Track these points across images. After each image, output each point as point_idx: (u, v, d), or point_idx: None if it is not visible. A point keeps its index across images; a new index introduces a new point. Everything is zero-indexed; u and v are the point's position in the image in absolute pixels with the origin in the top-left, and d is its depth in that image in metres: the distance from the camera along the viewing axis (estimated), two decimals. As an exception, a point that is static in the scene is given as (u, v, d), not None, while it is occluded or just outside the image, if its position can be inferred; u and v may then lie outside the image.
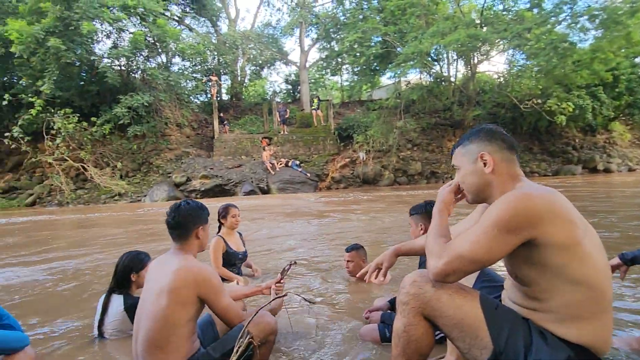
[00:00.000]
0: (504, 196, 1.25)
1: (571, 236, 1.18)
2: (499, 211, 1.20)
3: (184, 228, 1.86)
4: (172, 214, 1.88)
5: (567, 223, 1.19)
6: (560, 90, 18.20)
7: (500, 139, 1.37)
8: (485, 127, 1.42)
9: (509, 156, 1.36)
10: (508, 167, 1.35)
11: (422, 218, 2.41)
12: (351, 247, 3.46)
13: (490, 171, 1.34)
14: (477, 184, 1.39)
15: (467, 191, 1.44)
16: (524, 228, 1.18)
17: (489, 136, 1.38)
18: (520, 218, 1.17)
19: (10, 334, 1.74)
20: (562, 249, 1.18)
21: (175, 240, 1.87)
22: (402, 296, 1.36)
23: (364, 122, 19.61)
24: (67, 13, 14.75)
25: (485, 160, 1.35)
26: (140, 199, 15.64)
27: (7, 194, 16.12)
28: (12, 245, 6.54)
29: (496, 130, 1.40)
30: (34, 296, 3.58)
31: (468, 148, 1.41)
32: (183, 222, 1.86)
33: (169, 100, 18.34)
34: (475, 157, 1.38)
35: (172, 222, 1.87)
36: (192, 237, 1.87)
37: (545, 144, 22.46)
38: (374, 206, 10.43)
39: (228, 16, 26.16)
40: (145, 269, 2.53)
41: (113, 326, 2.43)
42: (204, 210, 1.96)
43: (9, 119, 16.39)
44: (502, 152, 1.36)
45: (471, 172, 1.40)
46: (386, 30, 18.93)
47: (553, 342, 1.21)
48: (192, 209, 1.89)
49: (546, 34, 16.39)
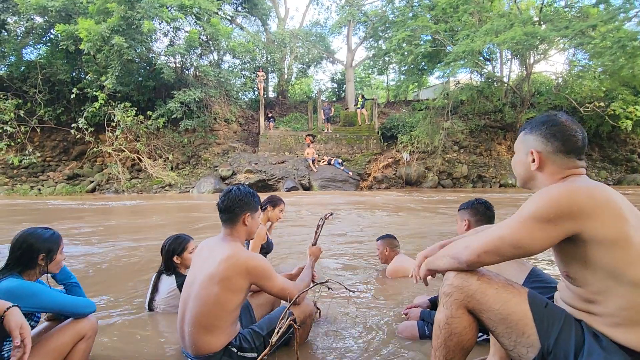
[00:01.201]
0: (548, 187, 1.23)
1: (620, 232, 1.12)
2: (538, 200, 1.19)
3: (232, 212, 1.90)
4: (222, 197, 1.93)
5: (616, 218, 1.13)
6: (627, 93, 16.83)
7: (560, 140, 1.29)
8: (552, 121, 1.32)
9: (563, 159, 1.29)
10: (557, 169, 1.30)
11: (468, 213, 2.32)
12: (379, 237, 3.65)
13: (536, 168, 1.33)
14: (523, 175, 1.40)
15: (516, 175, 1.45)
16: (564, 220, 1.14)
17: (550, 134, 1.31)
18: (559, 209, 1.14)
19: (81, 300, 1.89)
20: (612, 246, 1.12)
21: (224, 224, 1.93)
22: (445, 288, 1.35)
23: (409, 122, 19.21)
24: (130, 13, 15.72)
25: (534, 157, 1.33)
26: (189, 190, 16.38)
27: (71, 180, 17.51)
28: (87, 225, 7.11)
29: (561, 128, 1.30)
30: (94, 270, 3.88)
31: (526, 138, 1.39)
32: (231, 207, 1.89)
33: (218, 96, 19.02)
34: (528, 150, 1.36)
35: (221, 206, 1.92)
36: (239, 223, 1.91)
37: (607, 151, 20.88)
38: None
39: (278, 15, 26.68)
40: (186, 251, 2.65)
41: (166, 302, 2.60)
42: (255, 197, 1.98)
43: (75, 112, 17.79)
44: (556, 154, 1.30)
45: (521, 163, 1.40)
46: (436, 29, 18.41)
47: (608, 346, 1.14)
48: (242, 195, 1.92)
49: (613, 32, 15.14)
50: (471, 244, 1.29)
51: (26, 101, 17.28)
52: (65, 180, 17.41)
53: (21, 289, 1.63)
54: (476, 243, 1.28)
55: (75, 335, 1.78)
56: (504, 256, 1.24)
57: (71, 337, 1.76)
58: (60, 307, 1.76)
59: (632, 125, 17.39)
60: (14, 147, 17.03)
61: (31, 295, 1.64)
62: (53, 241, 1.81)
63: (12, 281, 1.65)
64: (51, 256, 1.80)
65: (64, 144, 18.74)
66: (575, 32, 15.62)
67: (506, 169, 18.75)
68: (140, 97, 18.25)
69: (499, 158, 19.68)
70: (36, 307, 1.68)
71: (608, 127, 18.48)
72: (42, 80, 17.48)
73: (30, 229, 1.79)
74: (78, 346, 1.78)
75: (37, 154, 17.28)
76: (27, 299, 1.62)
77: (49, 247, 1.79)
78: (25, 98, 17.34)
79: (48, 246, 1.78)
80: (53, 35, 17.80)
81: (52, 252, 1.80)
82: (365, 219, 7.71)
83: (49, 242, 1.79)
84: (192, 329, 1.76)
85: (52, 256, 1.81)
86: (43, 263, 1.77)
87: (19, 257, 1.73)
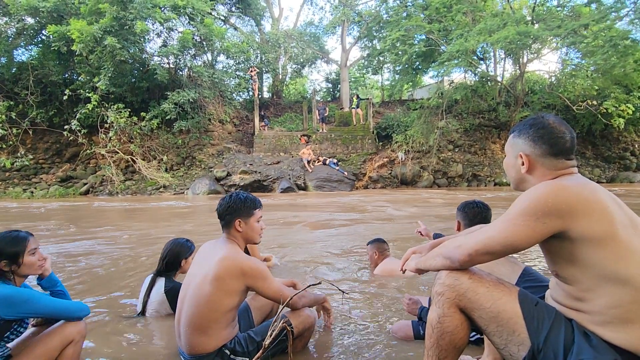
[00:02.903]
0: (537, 185, 1.25)
1: (607, 229, 1.12)
2: (527, 199, 1.20)
3: (224, 220, 1.95)
4: (218, 204, 1.99)
5: (603, 215, 1.13)
6: (619, 91, 16.99)
7: (547, 143, 1.29)
8: (539, 123, 1.32)
9: (552, 161, 1.30)
10: (547, 171, 1.31)
11: (459, 215, 2.33)
12: (370, 241, 3.64)
13: (526, 171, 1.35)
14: (514, 177, 1.42)
15: (508, 178, 1.47)
16: (551, 217, 1.15)
17: (537, 137, 1.31)
18: (546, 206, 1.15)
19: (75, 303, 1.86)
20: (599, 244, 1.12)
21: (223, 229, 1.98)
22: (437, 287, 1.35)
23: (404, 122, 19.26)
24: (123, 13, 15.59)
25: (523, 160, 1.35)
26: (183, 191, 16.31)
27: (64, 183, 17.35)
28: (81, 225, 7.05)
29: (548, 130, 1.30)
30: (83, 270, 3.83)
31: (515, 141, 1.40)
32: (223, 214, 1.95)
33: (212, 97, 18.94)
34: (517, 153, 1.38)
35: (217, 213, 1.98)
36: (233, 229, 1.94)
37: (600, 149, 21.07)
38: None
39: (272, 15, 26.63)
40: (192, 256, 2.65)
41: (152, 307, 2.57)
42: (246, 203, 1.97)
43: (68, 113, 17.61)
44: (545, 157, 1.30)
45: (512, 165, 1.42)
46: (430, 28, 18.45)
47: (598, 345, 1.14)
48: (232, 202, 1.95)
49: (605, 31, 15.26)
50: (463, 243, 1.30)
51: (18, 103, 17.07)
52: (59, 183, 17.26)
53: (14, 295, 1.61)
54: (468, 242, 1.29)
55: (64, 340, 1.75)
56: (495, 254, 1.25)
57: (59, 341, 1.74)
58: (53, 311, 1.74)
59: (625, 123, 17.55)
60: (5, 149, 16.86)
61: (25, 301, 1.62)
62: (15, 244, 1.72)
63: (5, 287, 1.63)
64: (16, 260, 1.71)
65: (57, 146, 18.55)
66: (568, 31, 15.75)
67: (501, 168, 18.83)
68: (134, 98, 18.12)
69: (493, 157, 19.78)
70: (29, 313, 1.66)
71: (601, 125, 18.62)
72: (34, 81, 17.29)
73: None
74: (66, 351, 1.76)
75: (29, 157, 17.11)
76: (21, 305, 1.61)
77: (13, 251, 1.70)
78: (17, 100, 17.14)
79: (10, 251, 1.69)
80: (45, 36, 17.60)
81: (17, 256, 1.71)
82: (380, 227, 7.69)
83: (10, 247, 1.70)
84: (187, 329, 1.77)
85: (18, 260, 1.71)
86: (8, 269, 1.68)
87: None
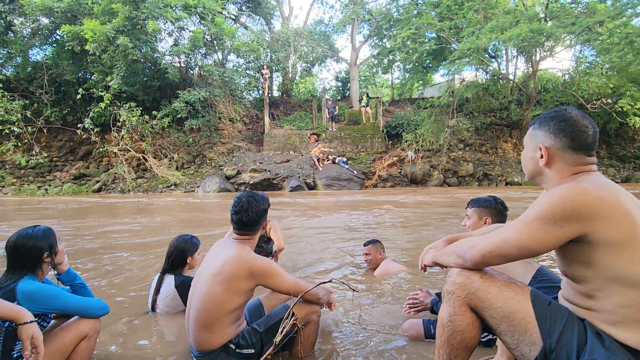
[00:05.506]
0: (557, 187, 1.21)
1: (627, 233, 1.09)
2: (546, 202, 1.17)
3: (256, 224, 1.99)
4: (244, 211, 1.96)
5: (623, 219, 1.10)
6: (635, 89, 16.62)
7: (569, 137, 1.27)
8: (561, 116, 1.30)
9: (572, 156, 1.27)
10: (566, 166, 1.28)
11: (490, 212, 2.28)
12: (368, 242, 3.63)
13: (544, 164, 1.31)
14: (531, 170, 1.39)
15: (524, 169, 1.44)
16: (570, 222, 1.12)
17: (559, 130, 1.29)
18: (566, 211, 1.12)
19: (95, 302, 1.90)
20: (618, 248, 1.10)
21: (239, 230, 1.98)
22: (448, 285, 1.34)
23: (414, 121, 19.13)
24: (135, 13, 15.78)
25: (542, 152, 1.31)
26: (194, 189, 16.44)
27: (77, 180, 17.63)
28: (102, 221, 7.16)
29: (571, 123, 1.28)
30: (96, 267, 3.90)
31: (535, 133, 1.37)
32: (255, 219, 1.98)
33: (223, 95, 19.06)
34: (536, 145, 1.34)
35: (244, 220, 1.97)
36: (258, 231, 2.02)
37: (615, 148, 20.67)
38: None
39: (282, 14, 26.67)
40: (198, 252, 2.68)
41: (164, 303, 2.59)
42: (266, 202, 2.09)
43: (81, 112, 17.92)
44: (565, 150, 1.27)
45: (530, 158, 1.38)
46: (441, 26, 18.29)
47: (611, 345, 1.13)
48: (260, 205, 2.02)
49: (621, 28, 14.97)
50: (477, 244, 1.29)
51: (33, 102, 17.41)
52: (72, 180, 17.53)
53: (40, 291, 1.68)
54: (482, 243, 1.27)
55: (78, 335, 1.79)
56: (509, 257, 1.23)
57: (74, 336, 1.78)
58: (75, 309, 1.80)
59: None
60: (21, 147, 17.17)
61: (50, 298, 1.71)
62: (49, 236, 1.83)
63: (31, 283, 1.69)
64: (54, 250, 1.83)
65: (71, 144, 18.88)
66: (582, 29, 15.46)
67: (512, 167, 18.62)
68: (146, 97, 18.34)
69: (504, 156, 19.54)
70: (53, 309, 1.74)
71: (616, 124, 18.27)
72: (49, 81, 17.62)
73: (22, 232, 1.79)
74: (80, 346, 1.79)
75: (43, 154, 17.41)
76: (46, 301, 1.69)
77: (50, 242, 1.82)
78: (31, 99, 17.49)
79: (48, 242, 1.81)
80: (59, 36, 17.88)
81: (54, 247, 1.83)
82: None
83: (47, 239, 1.81)
84: (194, 326, 1.79)
85: (55, 250, 1.84)
86: (49, 260, 1.81)
87: (24, 261, 1.74)
